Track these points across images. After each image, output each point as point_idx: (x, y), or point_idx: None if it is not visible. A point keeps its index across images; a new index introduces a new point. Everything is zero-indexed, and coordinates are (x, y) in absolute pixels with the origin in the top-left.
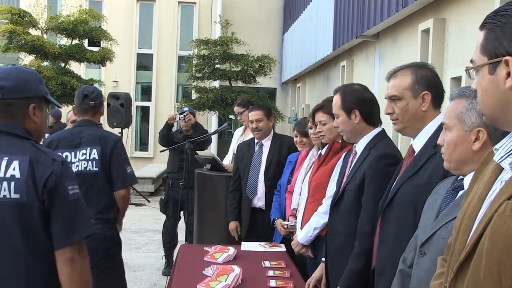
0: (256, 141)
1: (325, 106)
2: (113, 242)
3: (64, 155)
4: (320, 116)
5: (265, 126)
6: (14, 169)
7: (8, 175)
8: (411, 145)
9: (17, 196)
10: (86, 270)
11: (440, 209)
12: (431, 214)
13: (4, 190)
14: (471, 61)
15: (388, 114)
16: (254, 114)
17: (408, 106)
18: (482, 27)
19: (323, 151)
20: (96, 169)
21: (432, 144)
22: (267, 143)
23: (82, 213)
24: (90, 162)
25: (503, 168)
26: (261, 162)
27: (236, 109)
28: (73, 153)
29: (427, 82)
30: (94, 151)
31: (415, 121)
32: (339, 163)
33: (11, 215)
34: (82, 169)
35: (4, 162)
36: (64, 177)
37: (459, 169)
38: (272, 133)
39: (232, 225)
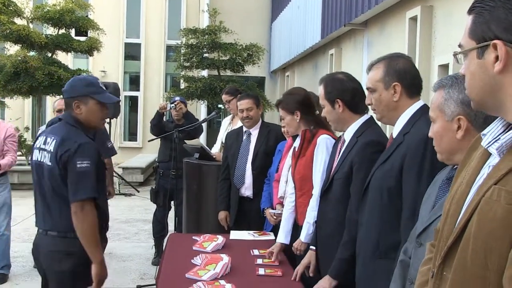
0: (244, 129)
1: (282, 102)
2: None
3: None
4: (280, 112)
5: (255, 115)
6: (52, 145)
7: (49, 149)
8: (392, 133)
9: (49, 163)
10: (86, 223)
11: (436, 199)
12: (428, 205)
13: (47, 158)
14: (460, 46)
15: (369, 105)
16: (244, 103)
17: (381, 97)
18: (470, 11)
19: (296, 144)
20: None
21: (403, 132)
22: (255, 132)
23: (84, 181)
24: None
25: (491, 153)
26: (248, 152)
27: (224, 97)
28: None
29: (398, 73)
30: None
31: (388, 111)
32: (316, 151)
33: (47, 174)
34: None
35: (51, 140)
36: (76, 154)
37: (450, 159)
38: (260, 121)
39: (222, 214)
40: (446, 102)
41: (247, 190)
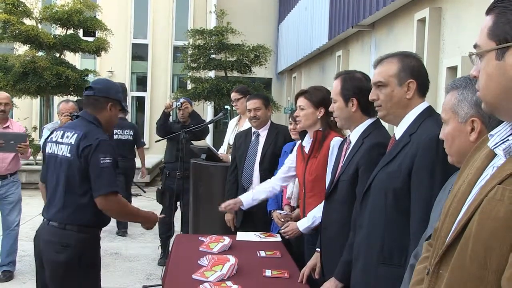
0: (253, 130)
1: (308, 93)
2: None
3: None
4: (301, 101)
5: (263, 115)
6: (73, 138)
7: (69, 142)
8: (394, 133)
9: (68, 155)
10: (115, 213)
11: None
12: (439, 210)
13: (66, 151)
14: (475, 46)
15: (373, 100)
16: (252, 103)
17: (393, 93)
18: (490, 11)
19: (304, 143)
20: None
21: (409, 133)
22: (263, 133)
23: (108, 176)
24: (128, 136)
25: (496, 154)
26: (257, 152)
27: (234, 95)
28: (120, 131)
29: (413, 70)
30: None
31: (398, 109)
32: (331, 151)
33: (65, 166)
34: (125, 138)
35: (71, 134)
36: (97, 149)
37: (461, 162)
38: (269, 123)
39: (228, 216)
40: (459, 104)
41: None
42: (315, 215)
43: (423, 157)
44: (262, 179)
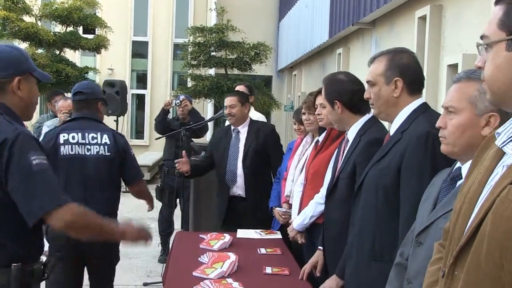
0: (232, 127)
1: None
2: None
3: None
4: (321, 99)
5: (238, 112)
6: (106, 138)
7: (103, 142)
8: (389, 131)
9: (109, 154)
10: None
11: (437, 200)
12: (428, 206)
13: (102, 150)
14: (483, 37)
15: (367, 99)
16: (227, 100)
17: (380, 92)
18: (500, 1)
19: (320, 138)
20: None
21: (402, 130)
22: (243, 130)
23: (137, 163)
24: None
25: (505, 153)
26: (238, 150)
27: (241, 87)
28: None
29: (400, 68)
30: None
31: (388, 107)
32: (337, 150)
33: (105, 164)
34: None
35: (98, 135)
36: (127, 144)
37: (464, 154)
38: (248, 119)
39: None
40: (481, 96)
41: (238, 189)
42: (306, 211)
43: (412, 154)
44: (246, 177)
